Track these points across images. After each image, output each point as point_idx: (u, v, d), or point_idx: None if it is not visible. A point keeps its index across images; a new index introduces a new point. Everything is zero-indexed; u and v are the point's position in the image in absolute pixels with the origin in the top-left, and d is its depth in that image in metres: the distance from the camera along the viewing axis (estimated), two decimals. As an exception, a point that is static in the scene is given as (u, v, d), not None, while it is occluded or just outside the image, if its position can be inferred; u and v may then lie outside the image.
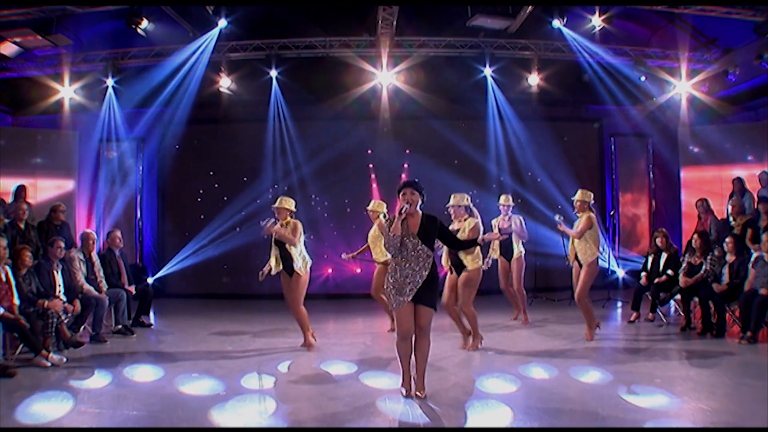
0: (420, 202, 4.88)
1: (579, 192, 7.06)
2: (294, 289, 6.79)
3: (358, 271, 11.63)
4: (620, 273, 11.52)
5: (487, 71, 11.16)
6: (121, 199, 11.79)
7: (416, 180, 5.04)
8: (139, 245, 11.86)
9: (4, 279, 5.80)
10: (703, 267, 7.29)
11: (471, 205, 6.60)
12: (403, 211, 4.75)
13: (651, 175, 12.05)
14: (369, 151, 11.96)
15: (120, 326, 7.55)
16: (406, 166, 12.01)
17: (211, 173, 11.67)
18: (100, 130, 11.37)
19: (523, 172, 11.82)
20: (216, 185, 11.72)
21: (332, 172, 11.68)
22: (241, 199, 11.66)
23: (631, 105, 11.66)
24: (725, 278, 6.94)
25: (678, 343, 6.81)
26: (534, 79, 11.11)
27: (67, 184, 11.17)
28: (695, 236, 7.56)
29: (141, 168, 11.92)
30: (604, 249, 9.72)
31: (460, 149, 11.72)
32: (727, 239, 7.06)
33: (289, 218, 6.89)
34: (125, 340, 7.37)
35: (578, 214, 6.95)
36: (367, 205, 8.11)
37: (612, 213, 11.13)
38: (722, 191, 10.63)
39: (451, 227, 6.30)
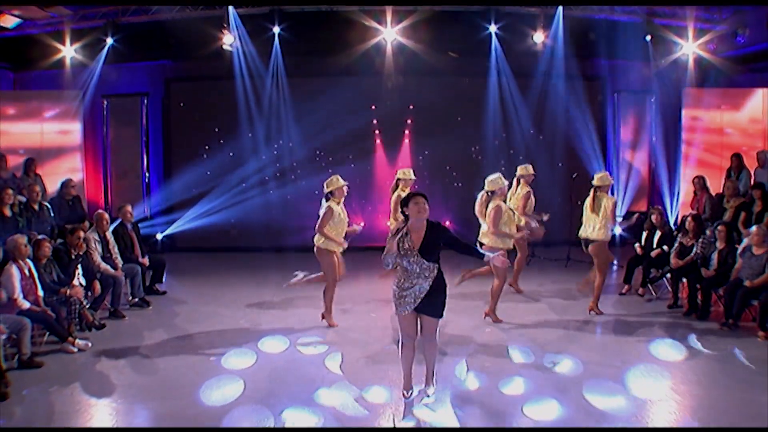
0: (427, 208, 4.85)
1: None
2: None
3: (362, 224, 11.93)
4: (617, 230, 11.82)
5: (492, 28, 11.03)
6: (126, 154, 11.99)
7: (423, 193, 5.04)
8: (147, 199, 12.12)
9: (27, 274, 6.12)
10: (694, 249, 7.57)
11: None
12: (403, 229, 4.80)
13: (652, 133, 12.07)
14: (372, 107, 11.97)
15: (136, 299, 7.96)
16: (409, 122, 12.07)
17: (216, 129, 11.74)
18: (103, 86, 11.42)
19: (525, 128, 11.88)
20: (221, 141, 11.83)
21: (336, 128, 11.75)
22: (246, 155, 11.85)
23: (636, 61, 11.55)
24: (714, 264, 7.24)
25: (663, 322, 7.21)
26: (539, 37, 10.98)
27: (74, 143, 11.29)
28: (689, 218, 7.79)
29: (145, 122, 11.98)
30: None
31: (464, 105, 11.77)
32: (719, 227, 7.30)
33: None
34: (142, 313, 7.81)
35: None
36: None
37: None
38: (722, 155, 10.78)
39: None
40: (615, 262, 10.47)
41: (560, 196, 11.23)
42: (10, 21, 8.83)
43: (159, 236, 11.80)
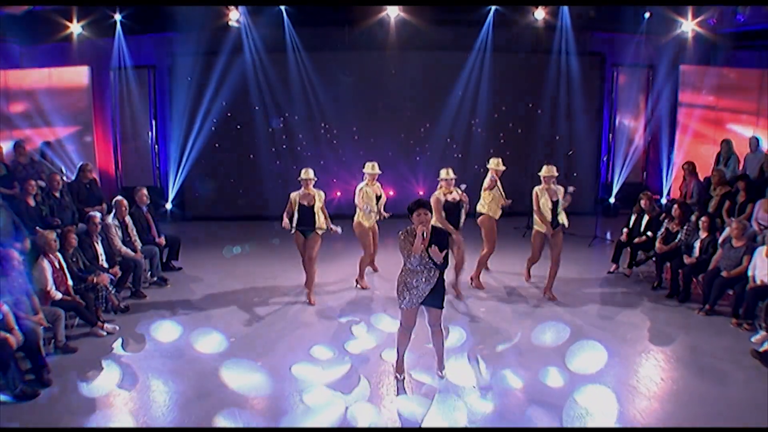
0: (430, 218, 5.34)
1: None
2: (312, 247, 7.72)
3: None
4: (611, 200, 12.29)
5: (493, 5, 11.18)
6: (135, 125, 12.32)
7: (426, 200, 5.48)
8: (156, 170, 12.54)
9: (58, 266, 6.61)
10: (679, 236, 8.04)
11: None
12: (424, 236, 5.24)
13: (649, 107, 12.32)
14: (375, 81, 12.19)
15: (155, 278, 8.50)
16: (411, 95, 12.29)
17: (224, 103, 12.01)
18: (110, 60, 11.66)
19: (524, 102, 12.14)
20: (229, 114, 12.12)
21: (340, 100, 12.09)
22: (254, 128, 12.18)
23: (635, 37, 11.69)
24: (696, 252, 7.72)
25: (646, 304, 7.79)
26: (540, 14, 11.13)
27: (84, 117, 11.62)
28: (675, 206, 8.24)
29: (153, 95, 12.23)
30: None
31: (465, 80, 12.04)
32: (703, 218, 7.74)
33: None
34: (161, 291, 8.36)
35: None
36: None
37: (605, 158, 11.65)
38: (716, 132, 11.08)
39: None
40: (609, 236, 10.97)
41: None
42: (20, 9, 9.03)
43: (168, 206, 12.25)
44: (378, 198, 8.37)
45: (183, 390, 5.70)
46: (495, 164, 8.49)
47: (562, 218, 7.85)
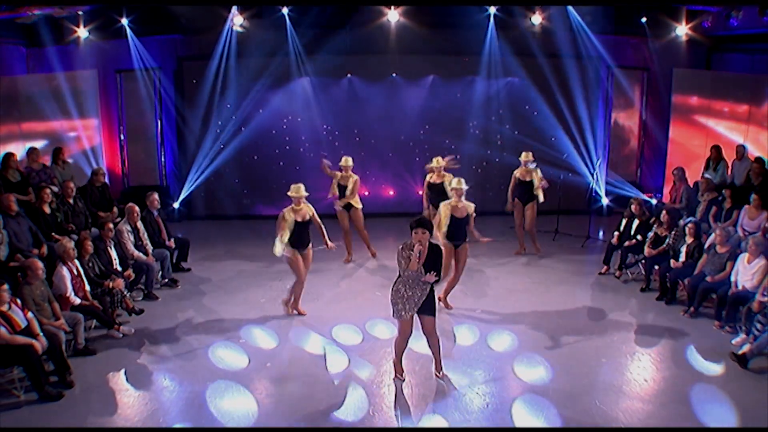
0: (428, 237, 5.74)
1: None
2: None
3: (366, 193, 12.72)
4: (605, 200, 12.60)
5: (492, 9, 11.45)
6: (141, 127, 12.62)
7: (426, 219, 5.87)
8: (163, 169, 12.86)
9: (76, 273, 6.98)
10: (667, 240, 8.41)
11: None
12: (419, 255, 5.65)
13: (643, 109, 12.61)
14: (376, 84, 12.45)
15: (166, 280, 8.87)
16: (411, 99, 12.54)
17: (228, 105, 12.30)
18: (116, 63, 11.96)
19: (521, 104, 12.44)
20: (234, 117, 12.42)
21: (341, 104, 12.42)
22: (258, 130, 12.49)
23: (631, 39, 11.96)
24: (682, 256, 8.09)
25: (634, 306, 8.17)
26: (537, 19, 11.41)
27: (91, 122, 11.93)
28: (664, 212, 8.59)
29: (158, 96, 12.51)
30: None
31: (463, 83, 12.33)
32: (689, 224, 8.09)
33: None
34: (172, 292, 8.72)
35: None
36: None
37: (598, 162, 11.95)
38: (707, 135, 11.39)
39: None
40: (601, 235, 11.32)
41: (552, 168, 11.93)
42: (31, 18, 9.32)
43: (175, 205, 12.58)
44: (305, 223, 7.66)
45: (198, 390, 6.05)
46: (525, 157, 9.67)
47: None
